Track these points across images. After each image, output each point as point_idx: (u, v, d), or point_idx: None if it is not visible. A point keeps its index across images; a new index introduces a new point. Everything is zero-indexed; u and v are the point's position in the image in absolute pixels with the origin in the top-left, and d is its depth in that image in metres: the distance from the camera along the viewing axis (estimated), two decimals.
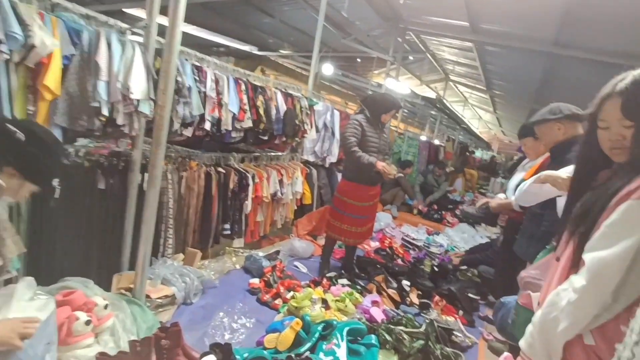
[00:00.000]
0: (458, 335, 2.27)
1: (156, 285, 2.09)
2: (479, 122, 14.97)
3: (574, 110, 2.04)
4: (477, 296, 3.03)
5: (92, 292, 1.65)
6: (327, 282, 2.72)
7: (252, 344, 1.89)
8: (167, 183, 2.36)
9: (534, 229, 1.87)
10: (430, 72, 8.47)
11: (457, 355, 2.04)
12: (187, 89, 2.14)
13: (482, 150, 18.27)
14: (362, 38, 6.57)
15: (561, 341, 0.91)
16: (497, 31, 4.52)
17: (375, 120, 2.86)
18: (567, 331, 0.90)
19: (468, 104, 11.29)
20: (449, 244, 4.46)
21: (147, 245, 1.84)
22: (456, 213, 6.20)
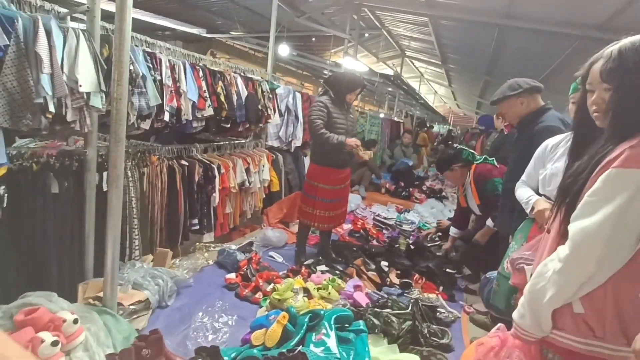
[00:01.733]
0: (442, 311, 2.33)
1: (127, 290, 1.95)
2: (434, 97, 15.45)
3: (531, 83, 2.12)
4: (453, 270, 3.12)
5: (58, 306, 1.50)
6: (305, 270, 2.70)
7: (237, 342, 1.83)
8: (128, 181, 2.17)
9: (513, 204, 1.92)
10: (387, 49, 8.51)
11: (443, 332, 2.09)
12: (141, 78, 1.94)
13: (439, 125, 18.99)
14: (316, 16, 6.41)
15: (549, 310, 0.94)
16: (452, 5, 4.58)
17: (340, 101, 2.78)
18: (553, 300, 0.93)
19: (424, 80, 11.57)
20: (420, 221, 4.60)
21: (115, 248, 1.70)
22: (422, 189, 6.39)
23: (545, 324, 0.96)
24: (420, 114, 14.90)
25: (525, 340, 1.00)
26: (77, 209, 1.89)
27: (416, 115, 13.59)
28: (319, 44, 8.27)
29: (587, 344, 0.90)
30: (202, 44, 7.85)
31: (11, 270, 1.67)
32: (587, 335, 0.90)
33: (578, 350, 0.91)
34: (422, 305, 2.22)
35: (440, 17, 5.06)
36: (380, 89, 9.96)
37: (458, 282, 2.98)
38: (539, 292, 0.95)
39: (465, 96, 12.68)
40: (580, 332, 0.91)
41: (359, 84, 2.83)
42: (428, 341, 1.99)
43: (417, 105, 13.17)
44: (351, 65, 6.23)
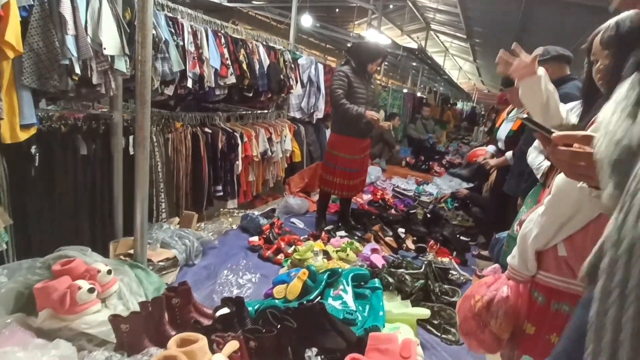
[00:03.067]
0: (454, 273, 2.40)
1: (156, 248, 2.07)
2: (459, 73, 14.83)
3: (560, 51, 2.09)
4: (467, 238, 3.18)
5: (92, 259, 1.61)
6: (325, 235, 2.75)
7: (260, 296, 1.92)
8: (153, 146, 2.25)
9: (523, 167, 1.95)
10: (411, 22, 8.16)
11: (454, 291, 2.17)
12: (163, 43, 1.97)
13: (462, 102, 18.31)
14: None
15: (533, 249, 1.03)
16: None
17: (362, 71, 2.77)
18: (537, 239, 1.02)
19: (449, 55, 11.09)
20: (438, 192, 4.56)
21: (143, 207, 1.78)
22: (442, 163, 6.31)
23: (531, 263, 1.04)
24: (444, 90, 14.38)
25: (515, 279, 1.10)
26: (105, 170, 2.00)
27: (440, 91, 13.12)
28: (342, 15, 8.04)
29: (568, 282, 0.98)
30: (224, 13, 7.77)
31: (47, 226, 1.79)
32: (568, 275, 0.97)
33: (560, 288, 0.99)
34: (435, 267, 2.28)
35: None
36: (404, 63, 9.64)
37: (471, 249, 3.03)
38: (527, 235, 1.05)
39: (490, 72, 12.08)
40: (562, 272, 0.98)
41: (381, 53, 2.81)
42: (439, 299, 2.06)
43: (441, 81, 12.69)
44: (375, 38, 6.04)
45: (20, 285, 1.40)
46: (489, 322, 1.11)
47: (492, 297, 1.13)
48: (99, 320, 1.37)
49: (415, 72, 10.61)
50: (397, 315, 1.78)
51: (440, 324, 1.88)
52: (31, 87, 1.52)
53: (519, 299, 1.11)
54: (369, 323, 1.63)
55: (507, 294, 1.12)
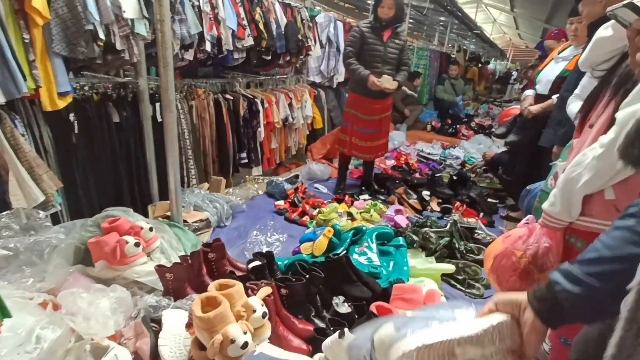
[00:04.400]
0: (480, 233, 2.35)
1: (190, 211, 2.17)
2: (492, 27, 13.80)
3: None
4: (495, 200, 3.09)
5: (135, 218, 1.71)
6: (349, 198, 2.77)
7: (288, 254, 2.00)
8: (179, 113, 2.30)
9: (563, 116, 1.83)
10: None
11: (479, 249, 2.14)
12: (179, 3, 1.96)
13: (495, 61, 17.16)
14: None
15: (581, 195, 0.96)
16: None
17: (379, 25, 2.59)
18: (589, 184, 0.94)
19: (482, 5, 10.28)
20: (466, 156, 4.44)
21: (175, 172, 1.86)
22: (471, 125, 6.07)
23: (575, 209, 0.98)
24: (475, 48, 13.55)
25: (552, 227, 1.04)
26: (137, 137, 2.08)
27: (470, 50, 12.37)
28: None
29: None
30: None
31: (92, 189, 1.92)
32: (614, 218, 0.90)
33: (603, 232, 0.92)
34: (461, 226, 2.25)
35: None
36: (430, 19, 9.08)
37: (499, 211, 2.95)
38: (574, 179, 0.97)
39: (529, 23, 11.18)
40: (609, 214, 0.92)
41: None
42: (464, 256, 2.05)
43: (473, 37, 11.93)
44: None
45: (77, 241, 1.54)
46: (540, 277, 1.06)
47: (535, 250, 1.08)
48: (147, 270, 1.49)
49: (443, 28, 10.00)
50: (421, 271, 1.80)
51: (464, 279, 1.89)
52: (62, 54, 1.57)
53: (559, 246, 1.06)
54: (393, 277, 1.67)
55: (549, 243, 1.07)
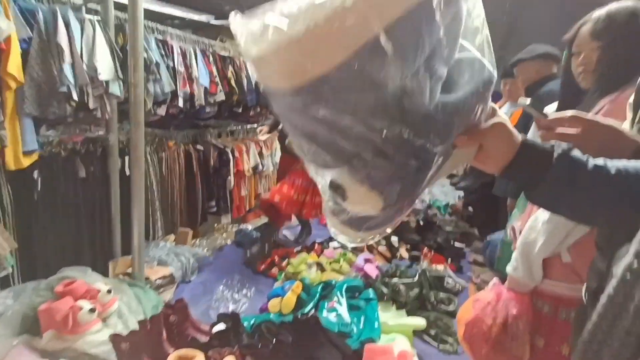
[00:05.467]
0: (449, 281, 2.37)
1: (153, 267, 2.10)
2: None
3: (547, 49, 2.12)
4: (462, 244, 3.19)
5: (93, 279, 1.64)
6: (319, 246, 2.79)
7: (255, 311, 1.96)
8: (148, 166, 2.29)
9: None
10: None
11: (450, 299, 2.16)
12: (155, 65, 2.03)
13: None
14: None
15: (539, 258, 1.01)
16: None
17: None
18: (544, 248, 0.99)
19: None
20: (431, 199, 4.62)
21: (140, 227, 1.83)
22: None
23: (537, 273, 1.02)
24: None
25: (518, 291, 1.06)
26: (103, 192, 2.04)
27: None
28: None
29: (574, 289, 0.94)
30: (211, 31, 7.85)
31: (50, 248, 1.83)
32: (575, 281, 0.94)
33: (566, 295, 0.97)
34: (430, 274, 2.29)
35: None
36: None
37: (466, 255, 3.03)
38: (531, 244, 1.02)
39: None
40: (569, 278, 0.96)
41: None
42: (435, 308, 2.07)
43: None
44: None
45: (25, 307, 1.44)
46: (512, 346, 1.05)
47: (504, 318, 1.07)
48: (100, 339, 1.41)
49: None
50: (392, 327, 1.79)
51: (437, 334, 1.89)
52: (32, 114, 1.56)
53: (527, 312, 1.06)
54: (364, 335, 1.66)
55: (517, 309, 1.07)
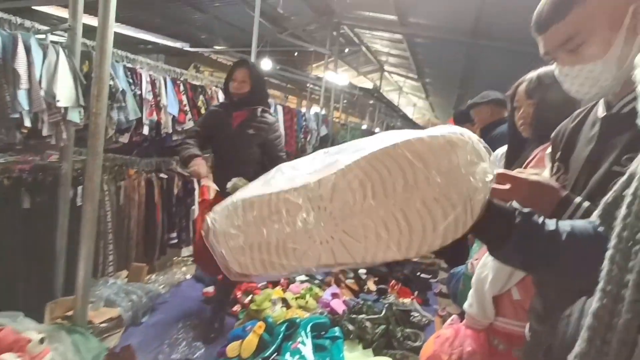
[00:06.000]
0: (415, 315, 2.40)
1: (98, 308, 1.92)
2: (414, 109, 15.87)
3: (499, 96, 2.33)
4: (428, 275, 3.24)
5: (23, 326, 1.47)
6: (284, 280, 2.71)
7: (212, 356, 1.83)
8: (104, 195, 2.16)
9: None
10: (366, 64, 8.75)
11: (416, 335, 2.16)
12: (121, 93, 1.97)
13: None
14: (298, 33, 6.55)
15: (489, 295, 1.03)
16: (422, 24, 4.81)
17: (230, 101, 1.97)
18: (493, 285, 1.02)
19: (403, 92, 11.89)
20: None
21: (87, 263, 1.68)
22: None
23: (489, 310, 1.04)
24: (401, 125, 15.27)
25: (474, 328, 1.09)
26: (48, 225, 1.87)
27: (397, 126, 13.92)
28: (301, 59, 8.43)
29: (524, 326, 0.96)
30: (186, 58, 7.85)
31: None
32: (524, 319, 0.96)
33: (517, 333, 0.97)
34: (396, 309, 2.29)
35: (413, 35, 5.28)
36: (361, 101, 10.19)
37: (433, 287, 3.07)
38: (483, 280, 1.05)
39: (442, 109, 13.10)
40: (518, 316, 0.99)
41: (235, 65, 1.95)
42: (402, 344, 2.05)
43: (398, 117, 13.49)
44: (332, 79, 6.38)
45: None
46: None
47: (459, 355, 1.10)
48: None
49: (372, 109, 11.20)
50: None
51: None
52: None
53: (483, 349, 1.09)
54: None
55: (472, 346, 1.10)
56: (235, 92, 1.88)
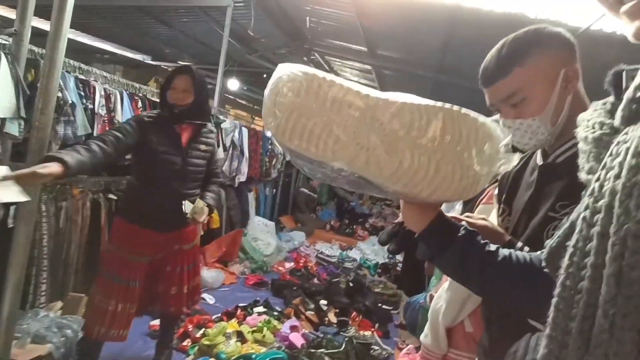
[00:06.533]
0: (376, 348, 2.37)
1: (25, 345, 1.69)
2: None
3: None
4: (389, 307, 3.24)
5: None
6: (241, 312, 2.56)
7: None
8: (41, 216, 1.95)
9: None
10: None
11: None
12: (70, 106, 1.82)
13: None
14: (268, 55, 6.60)
15: (443, 326, 1.05)
16: (391, 57, 5.03)
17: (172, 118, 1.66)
18: (445, 316, 1.04)
19: None
20: (362, 258, 4.67)
21: (15, 293, 1.48)
22: (366, 226, 6.55)
23: (442, 341, 1.05)
24: None
25: (429, 359, 1.09)
26: None
27: None
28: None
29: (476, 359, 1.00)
30: (146, 70, 7.58)
31: None
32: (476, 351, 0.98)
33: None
34: (357, 342, 2.25)
35: (382, 66, 5.49)
36: None
37: (394, 319, 3.06)
38: (437, 312, 1.06)
39: None
40: (471, 349, 0.99)
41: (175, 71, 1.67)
42: None
43: None
44: None
45: None
46: None
47: None
48: None
49: None
50: None
51: None
52: None
53: None
54: None
55: None
56: (176, 102, 1.63)
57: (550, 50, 0.71)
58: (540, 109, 0.70)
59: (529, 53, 0.70)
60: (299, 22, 4.90)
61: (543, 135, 0.72)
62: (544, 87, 0.70)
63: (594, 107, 0.45)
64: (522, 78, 0.70)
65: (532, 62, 0.70)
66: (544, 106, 0.70)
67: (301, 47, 5.93)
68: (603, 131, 0.40)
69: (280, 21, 4.88)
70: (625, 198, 0.31)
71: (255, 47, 6.20)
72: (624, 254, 0.31)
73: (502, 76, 0.72)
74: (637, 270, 0.30)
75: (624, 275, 0.30)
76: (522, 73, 0.70)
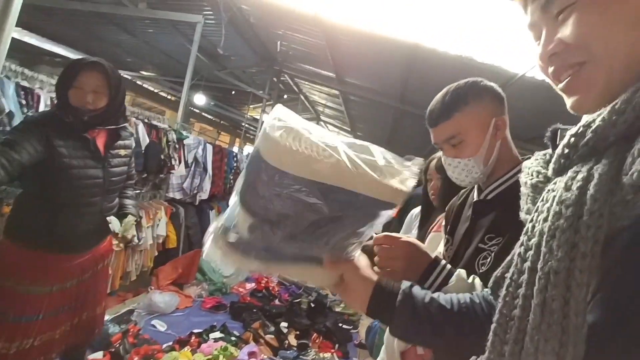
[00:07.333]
0: None
1: None
2: None
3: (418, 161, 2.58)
4: (349, 326, 3.23)
5: None
6: (196, 339, 2.40)
7: None
8: None
9: None
10: (304, 112, 9.03)
11: None
12: (6, 115, 1.66)
13: None
14: (237, 73, 6.57)
15: (398, 349, 1.07)
16: (357, 85, 5.18)
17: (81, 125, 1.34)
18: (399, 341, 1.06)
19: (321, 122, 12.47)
20: None
21: None
22: None
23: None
24: None
25: None
26: None
27: None
28: (239, 98, 8.38)
29: None
30: None
31: None
32: None
33: None
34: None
35: (348, 92, 5.64)
36: None
37: (353, 338, 3.06)
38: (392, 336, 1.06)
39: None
40: None
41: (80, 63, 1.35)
42: None
43: None
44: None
45: None
46: None
47: None
48: None
49: None
50: None
51: None
52: None
53: None
54: None
55: None
56: (84, 107, 1.28)
57: (484, 101, 0.82)
58: (475, 151, 0.81)
59: (467, 102, 0.81)
60: (270, 45, 4.94)
61: (477, 174, 0.83)
62: (477, 132, 0.81)
63: (535, 156, 0.51)
64: (461, 123, 0.81)
65: (469, 110, 0.81)
66: (478, 149, 0.81)
67: (271, 67, 5.97)
68: (539, 179, 0.46)
69: (251, 42, 4.89)
70: (550, 239, 0.36)
71: (225, 64, 6.16)
72: (547, 286, 0.35)
73: (444, 119, 0.82)
74: (557, 302, 0.34)
75: (547, 305, 0.35)
76: (460, 118, 0.81)
